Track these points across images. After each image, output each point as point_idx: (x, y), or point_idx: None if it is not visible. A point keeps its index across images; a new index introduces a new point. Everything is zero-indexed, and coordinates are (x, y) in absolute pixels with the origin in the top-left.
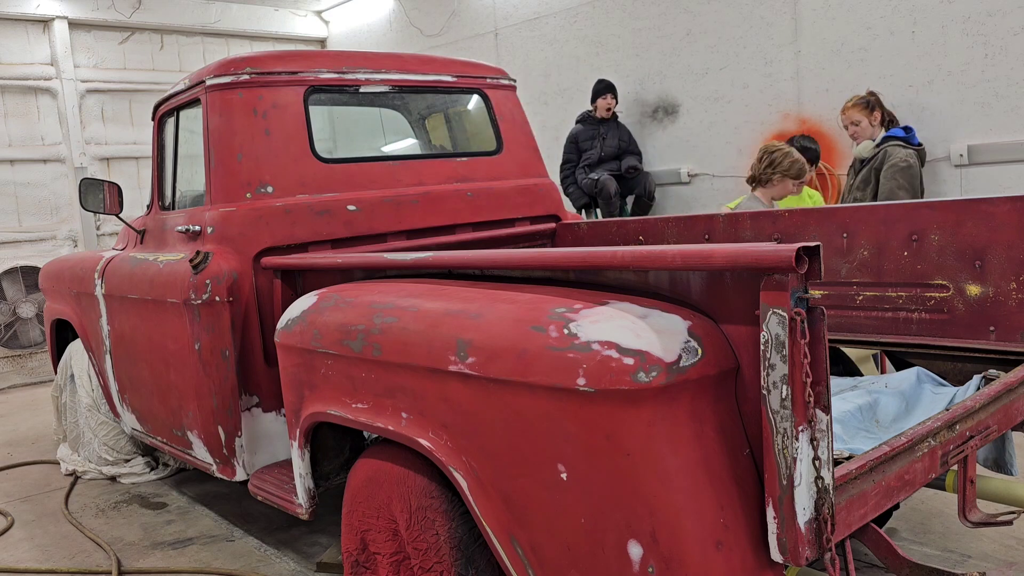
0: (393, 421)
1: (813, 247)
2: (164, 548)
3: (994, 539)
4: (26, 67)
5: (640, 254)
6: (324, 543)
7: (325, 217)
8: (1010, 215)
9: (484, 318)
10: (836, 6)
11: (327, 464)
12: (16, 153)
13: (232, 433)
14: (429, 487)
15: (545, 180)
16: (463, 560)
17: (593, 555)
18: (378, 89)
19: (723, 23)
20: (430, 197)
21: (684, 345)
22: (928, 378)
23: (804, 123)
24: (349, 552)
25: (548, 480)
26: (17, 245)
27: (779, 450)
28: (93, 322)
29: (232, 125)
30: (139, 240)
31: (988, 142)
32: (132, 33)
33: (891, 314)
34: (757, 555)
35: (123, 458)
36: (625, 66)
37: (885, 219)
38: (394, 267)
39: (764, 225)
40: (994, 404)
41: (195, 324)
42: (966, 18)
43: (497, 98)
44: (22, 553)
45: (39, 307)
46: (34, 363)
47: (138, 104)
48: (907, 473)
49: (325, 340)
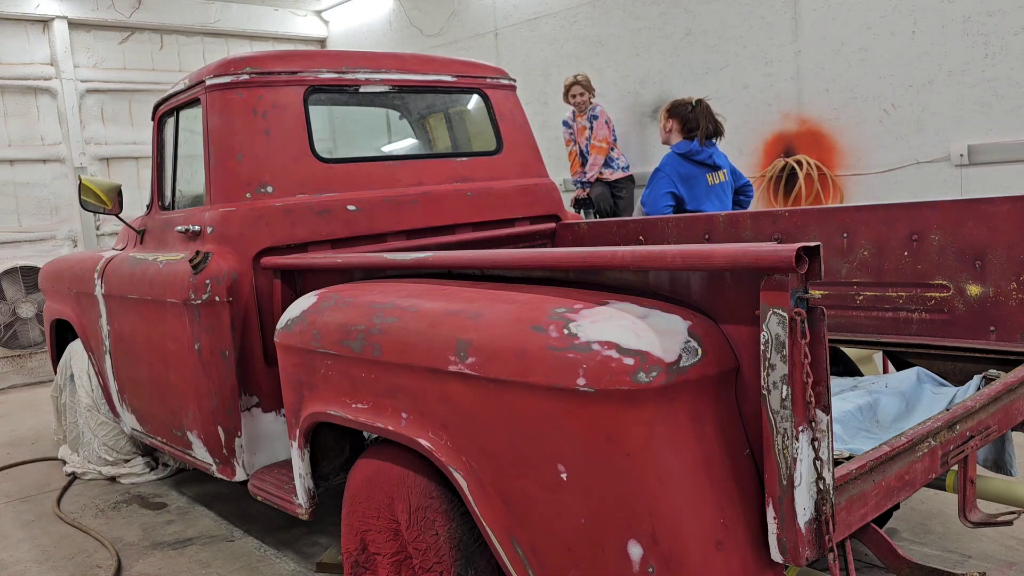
0: (393, 421)
1: (813, 247)
2: (164, 548)
3: (994, 539)
4: (26, 67)
5: (640, 254)
6: (324, 543)
7: (325, 217)
8: (1010, 215)
9: (484, 318)
10: (836, 6)
11: (327, 464)
12: (16, 153)
13: (232, 433)
14: (429, 487)
15: (545, 180)
16: (463, 560)
17: (593, 555)
18: (378, 89)
19: (723, 23)
20: (430, 197)
21: (684, 345)
22: (928, 378)
23: (804, 123)
24: (349, 552)
25: (548, 480)
26: (17, 245)
27: (779, 450)
28: (93, 322)
29: (232, 125)
30: (139, 240)
31: (988, 142)
32: (132, 33)
33: (891, 314)
34: (757, 555)
35: (123, 458)
36: (625, 66)
37: (885, 219)
38: (394, 267)
39: (764, 225)
40: (994, 404)
41: (195, 324)
42: (966, 18)
43: (497, 98)
44: (22, 553)
45: (39, 307)
46: (34, 363)
47: (138, 104)
48: (907, 473)
49: (325, 340)
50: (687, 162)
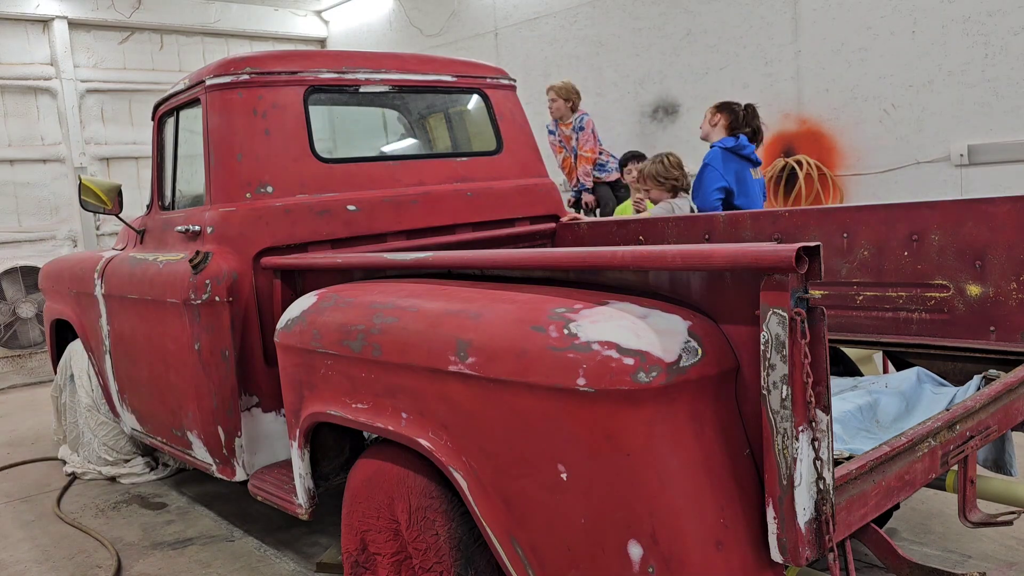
0: (393, 421)
1: (813, 247)
2: (164, 548)
3: (994, 539)
4: (26, 67)
5: (640, 254)
6: (324, 543)
7: (325, 217)
8: (1010, 215)
9: (484, 318)
10: (836, 6)
11: (327, 464)
12: (16, 153)
13: (232, 433)
14: (429, 487)
15: (545, 180)
16: (463, 560)
17: (593, 555)
18: (378, 89)
19: (723, 23)
20: (430, 197)
21: (684, 345)
22: (928, 378)
23: (804, 123)
24: (349, 552)
25: (548, 480)
26: (17, 245)
27: (779, 450)
28: (93, 322)
29: (232, 125)
30: (139, 240)
31: (988, 142)
32: (132, 33)
33: (891, 314)
34: (757, 555)
35: (123, 458)
36: (625, 66)
37: (885, 219)
38: (394, 267)
39: (764, 225)
40: (994, 404)
41: (195, 324)
42: (966, 18)
43: (497, 98)
44: (22, 553)
45: (39, 307)
46: (34, 363)
47: (138, 104)
48: (907, 473)
49: (325, 340)
50: (734, 156)
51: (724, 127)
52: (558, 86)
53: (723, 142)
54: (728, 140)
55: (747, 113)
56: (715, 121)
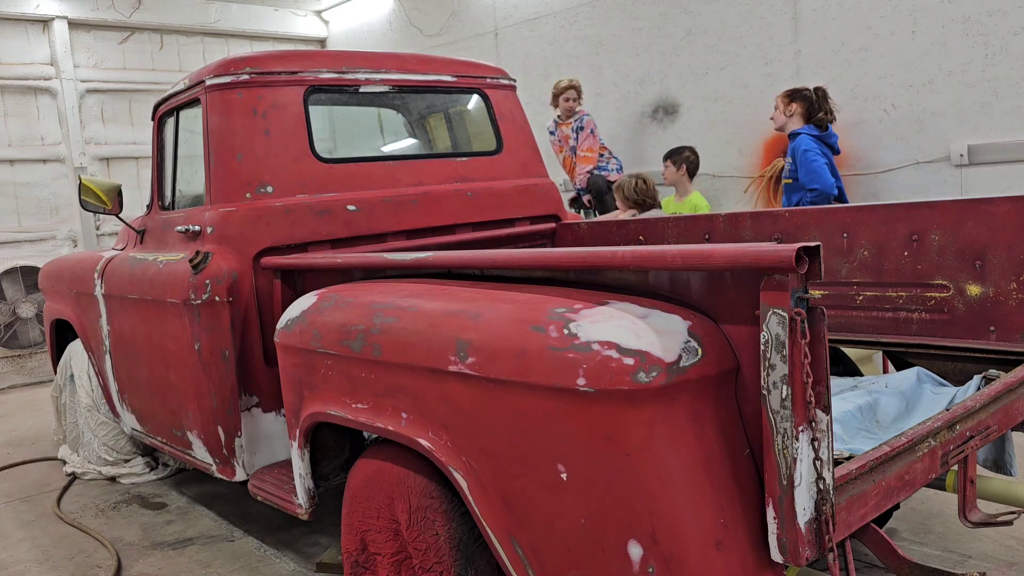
0: (393, 421)
1: (813, 247)
2: (164, 548)
3: (994, 539)
4: (26, 67)
5: (640, 254)
6: (324, 543)
7: (325, 217)
8: (1010, 215)
9: (484, 318)
10: (836, 6)
11: (327, 464)
12: (16, 153)
13: (232, 433)
14: (429, 487)
15: (545, 180)
16: (463, 560)
17: (593, 555)
18: (378, 89)
19: (723, 23)
20: (430, 197)
21: (684, 345)
22: (928, 378)
23: None
24: (349, 552)
25: (548, 480)
26: (17, 245)
27: (779, 450)
28: (93, 322)
29: (232, 125)
30: (139, 240)
31: (988, 142)
32: (132, 33)
33: (891, 314)
34: (757, 555)
35: (123, 458)
36: (625, 66)
37: (885, 219)
38: (394, 267)
39: (764, 225)
40: (994, 404)
41: (195, 324)
42: (966, 18)
43: (497, 98)
44: (22, 553)
45: (39, 307)
46: (34, 363)
47: (138, 104)
48: (907, 473)
49: (325, 340)
50: (821, 144)
51: (801, 115)
52: (577, 85)
53: (808, 130)
54: (813, 128)
55: (819, 96)
56: (791, 111)
